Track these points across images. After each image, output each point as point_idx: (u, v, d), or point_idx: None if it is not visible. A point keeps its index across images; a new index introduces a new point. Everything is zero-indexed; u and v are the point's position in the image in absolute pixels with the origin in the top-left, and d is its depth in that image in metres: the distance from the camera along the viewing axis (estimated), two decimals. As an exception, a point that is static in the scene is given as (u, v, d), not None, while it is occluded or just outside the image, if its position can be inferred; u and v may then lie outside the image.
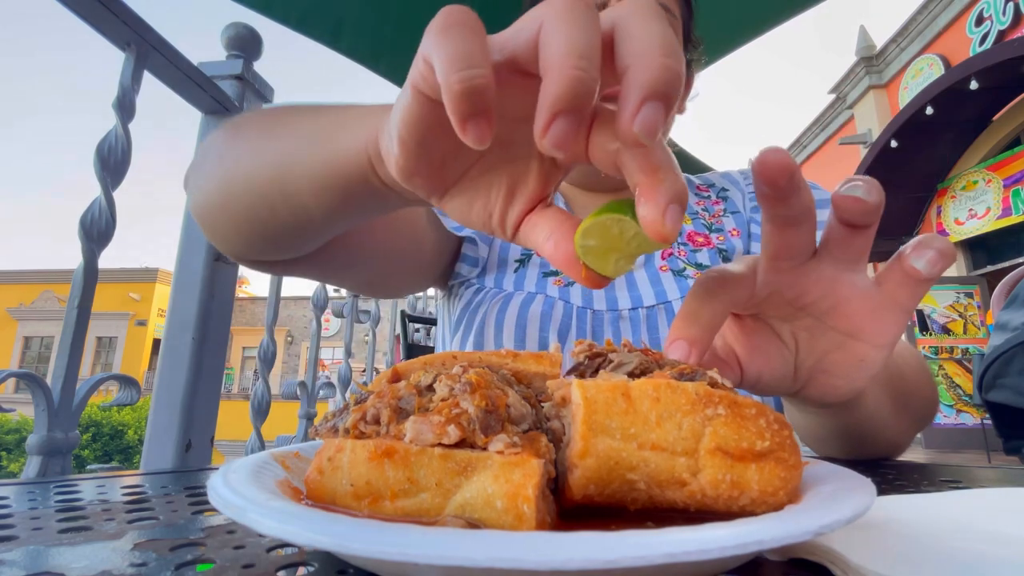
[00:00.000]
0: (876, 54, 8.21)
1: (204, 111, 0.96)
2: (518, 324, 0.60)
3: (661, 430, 0.19)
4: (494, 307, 0.62)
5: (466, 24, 0.22)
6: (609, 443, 0.19)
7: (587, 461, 0.19)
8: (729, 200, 0.75)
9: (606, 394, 0.20)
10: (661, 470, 0.19)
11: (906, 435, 0.51)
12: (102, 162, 0.74)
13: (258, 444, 1.11)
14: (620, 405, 0.19)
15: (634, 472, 0.19)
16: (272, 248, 0.44)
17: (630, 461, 0.19)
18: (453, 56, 0.21)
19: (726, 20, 1.35)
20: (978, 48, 6.44)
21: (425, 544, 0.14)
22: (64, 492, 0.33)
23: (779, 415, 0.21)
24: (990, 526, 0.23)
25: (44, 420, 0.67)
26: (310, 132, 0.37)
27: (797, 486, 0.20)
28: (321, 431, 0.23)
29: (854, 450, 0.49)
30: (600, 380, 0.21)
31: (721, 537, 0.15)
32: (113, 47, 0.78)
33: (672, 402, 0.20)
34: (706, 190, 0.77)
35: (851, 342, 0.32)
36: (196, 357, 0.88)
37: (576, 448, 0.19)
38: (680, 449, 0.19)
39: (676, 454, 0.19)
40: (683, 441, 0.19)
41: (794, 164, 0.27)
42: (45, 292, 18.35)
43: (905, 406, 0.49)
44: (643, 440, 0.19)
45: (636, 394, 0.20)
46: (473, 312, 0.64)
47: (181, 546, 0.22)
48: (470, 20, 0.22)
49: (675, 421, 0.19)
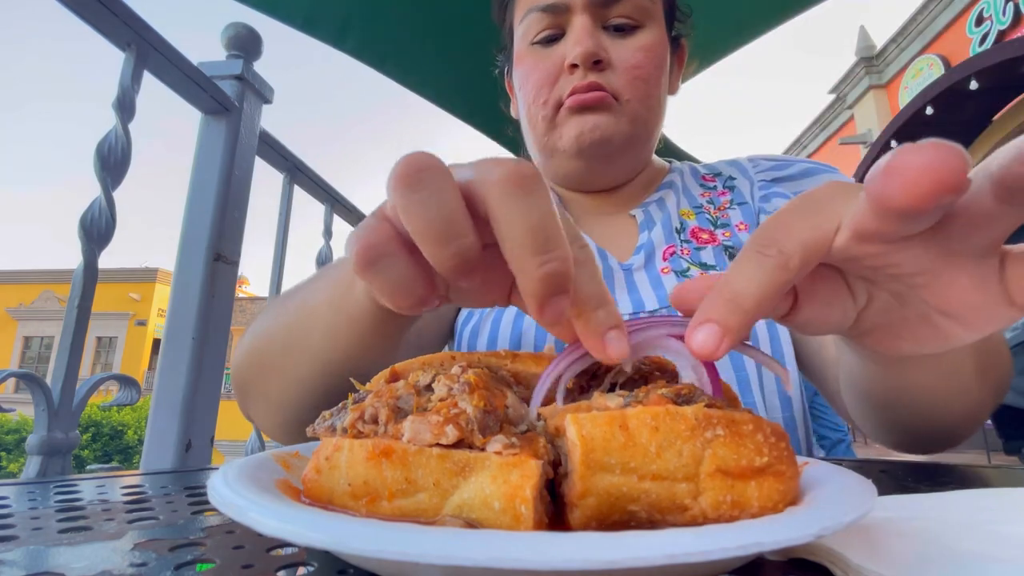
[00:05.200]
0: (876, 54, 8.22)
1: (204, 111, 0.96)
2: (513, 335, 0.58)
3: (661, 460, 0.19)
4: (488, 317, 0.60)
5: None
6: (609, 479, 0.19)
7: (587, 501, 0.19)
8: (736, 190, 0.69)
9: (603, 429, 0.19)
10: (662, 498, 0.19)
11: (985, 405, 0.42)
12: (102, 162, 0.74)
13: (258, 444, 1.11)
14: (618, 439, 0.19)
15: (635, 503, 0.19)
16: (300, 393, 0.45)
17: (631, 494, 0.19)
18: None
19: (724, 22, 1.35)
20: (978, 48, 6.45)
21: (426, 543, 0.14)
22: (64, 492, 0.33)
23: (775, 426, 0.20)
24: (991, 526, 0.23)
25: (44, 420, 0.67)
26: (317, 283, 0.42)
27: (796, 497, 0.20)
28: (319, 430, 0.23)
29: (922, 419, 0.41)
30: (595, 413, 0.20)
31: (722, 538, 0.15)
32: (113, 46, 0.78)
33: (671, 429, 0.19)
34: (712, 180, 0.72)
35: (942, 319, 0.25)
36: (196, 357, 0.88)
37: (576, 490, 0.19)
38: (681, 475, 0.19)
39: (677, 480, 0.19)
40: (684, 468, 0.19)
41: (960, 176, 0.17)
42: (45, 292, 18.36)
43: (987, 367, 0.39)
44: (644, 472, 0.19)
45: (634, 424, 0.19)
46: (464, 325, 0.62)
47: (181, 546, 0.22)
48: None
49: (675, 449, 0.19)
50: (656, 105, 0.63)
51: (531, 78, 0.63)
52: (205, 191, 0.93)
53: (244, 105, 0.99)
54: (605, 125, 0.60)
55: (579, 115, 0.60)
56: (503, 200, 0.22)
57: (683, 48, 0.72)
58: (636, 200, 0.70)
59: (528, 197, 0.22)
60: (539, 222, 0.21)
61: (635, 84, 0.60)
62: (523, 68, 0.64)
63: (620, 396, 0.22)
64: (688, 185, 0.71)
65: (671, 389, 0.22)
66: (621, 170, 0.67)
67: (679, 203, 0.68)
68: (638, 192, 0.70)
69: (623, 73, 0.60)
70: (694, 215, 0.67)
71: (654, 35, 0.62)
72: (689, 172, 0.74)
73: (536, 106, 0.63)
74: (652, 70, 0.61)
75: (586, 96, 0.59)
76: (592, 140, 0.60)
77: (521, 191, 0.22)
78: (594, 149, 0.61)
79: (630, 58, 0.60)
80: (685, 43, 0.72)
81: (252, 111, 1.02)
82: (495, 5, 0.72)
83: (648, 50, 0.61)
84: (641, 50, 0.60)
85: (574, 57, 0.58)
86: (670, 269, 0.61)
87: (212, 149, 0.95)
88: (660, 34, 0.63)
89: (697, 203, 0.68)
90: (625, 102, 0.60)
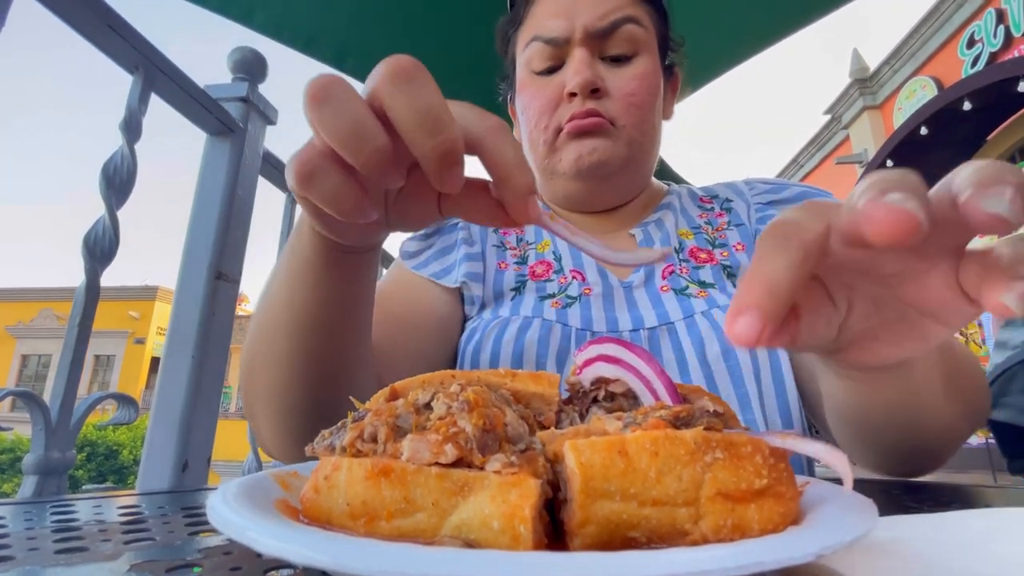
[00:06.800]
0: (870, 76, 8.36)
1: (209, 132, 0.98)
2: (515, 352, 0.58)
3: (661, 485, 0.19)
4: (490, 335, 0.60)
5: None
6: (609, 507, 0.19)
7: (587, 529, 0.19)
8: (733, 212, 0.71)
9: (602, 456, 0.19)
10: (663, 524, 0.19)
11: (960, 424, 0.44)
12: (108, 182, 0.74)
13: (255, 464, 1.10)
14: (618, 466, 0.19)
15: (636, 530, 0.19)
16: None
17: (632, 520, 0.19)
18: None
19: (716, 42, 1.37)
20: (970, 70, 6.56)
21: (425, 564, 0.14)
22: (60, 512, 0.33)
23: (775, 448, 0.20)
24: (992, 546, 0.22)
25: (41, 439, 0.66)
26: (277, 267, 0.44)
27: (796, 517, 0.20)
28: (318, 449, 0.23)
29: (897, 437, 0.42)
30: (594, 440, 0.20)
31: (722, 558, 0.15)
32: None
33: (671, 454, 0.19)
34: (709, 202, 0.74)
35: (919, 317, 0.26)
36: (195, 375, 0.87)
37: (576, 519, 0.19)
38: (681, 500, 0.19)
39: (677, 506, 0.19)
40: (683, 492, 0.19)
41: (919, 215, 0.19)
42: (44, 310, 18.34)
43: (957, 387, 0.42)
44: (644, 498, 0.19)
45: (633, 450, 0.19)
46: (467, 341, 0.62)
47: (178, 567, 0.22)
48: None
49: (675, 474, 0.19)
50: (651, 129, 0.66)
51: (533, 105, 0.66)
52: (208, 210, 0.94)
53: (249, 126, 1.01)
54: (602, 149, 0.62)
55: (577, 140, 0.63)
56: (390, 92, 0.25)
57: (676, 76, 0.75)
58: (635, 220, 0.71)
59: (410, 84, 0.25)
60: (424, 105, 0.25)
61: (630, 110, 0.63)
62: (525, 96, 0.68)
63: (618, 419, 0.22)
64: (686, 207, 0.73)
65: (669, 412, 0.22)
66: (618, 191, 0.69)
67: (677, 223, 0.70)
68: (637, 213, 0.72)
69: (619, 100, 0.63)
70: (692, 235, 0.69)
71: (648, 64, 0.65)
72: (687, 194, 0.76)
73: (537, 131, 0.66)
74: (646, 97, 0.64)
75: (584, 122, 0.62)
76: (590, 163, 0.63)
77: (403, 80, 0.25)
78: (592, 171, 0.63)
79: (625, 86, 0.63)
80: (679, 71, 0.75)
81: (256, 132, 1.04)
82: (498, 38, 0.77)
83: (642, 78, 0.64)
84: (636, 78, 0.64)
85: (573, 86, 0.62)
86: (669, 287, 0.63)
87: (216, 169, 0.96)
88: (654, 63, 0.66)
89: (695, 224, 0.70)
90: (621, 127, 0.63)
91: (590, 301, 0.63)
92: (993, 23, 6.41)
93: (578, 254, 0.68)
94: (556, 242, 0.70)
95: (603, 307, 0.62)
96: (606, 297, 0.63)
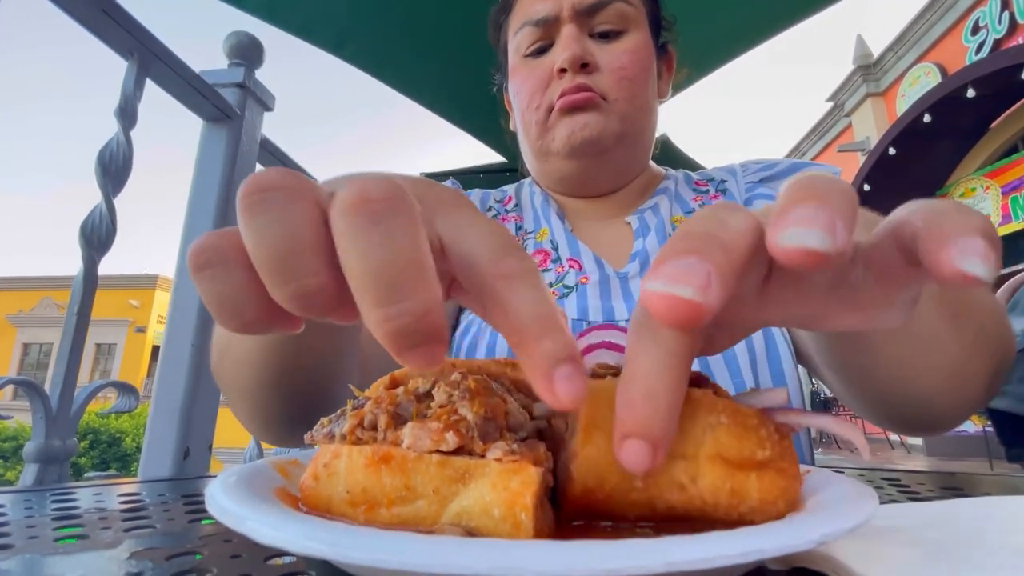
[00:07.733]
0: (873, 63, 8.27)
1: (206, 119, 0.97)
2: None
3: None
4: (485, 330, 0.60)
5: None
6: (608, 442, 0.19)
7: (588, 450, 0.19)
8: (728, 193, 0.70)
9: (609, 391, 0.19)
10: (659, 469, 0.19)
11: (972, 364, 0.39)
12: (103, 169, 0.74)
13: (256, 452, 1.11)
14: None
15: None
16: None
17: None
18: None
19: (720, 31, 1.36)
20: (974, 57, 6.50)
21: (426, 553, 0.14)
22: (61, 500, 0.33)
23: (780, 425, 0.20)
24: (995, 535, 0.22)
25: (42, 427, 0.66)
26: None
27: (796, 497, 0.20)
28: (317, 437, 0.23)
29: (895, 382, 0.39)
30: (598, 381, 0.21)
31: (722, 545, 0.15)
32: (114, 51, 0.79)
33: None
34: (704, 185, 0.73)
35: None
36: (195, 363, 0.87)
37: (579, 438, 0.19)
38: (678, 452, 0.19)
39: (675, 456, 0.19)
40: (681, 444, 0.19)
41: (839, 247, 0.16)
42: (44, 299, 18.35)
43: (962, 314, 0.37)
44: None
45: None
46: (463, 335, 0.62)
47: (178, 555, 0.22)
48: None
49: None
50: (644, 105, 0.65)
51: (524, 87, 0.66)
52: (206, 197, 0.93)
53: (246, 112, 1.00)
54: (594, 124, 0.62)
55: (569, 116, 0.63)
56: (345, 233, 0.17)
57: (671, 54, 0.74)
58: (632, 206, 0.71)
59: (373, 228, 0.17)
60: (381, 264, 0.16)
61: (621, 84, 0.63)
62: (517, 79, 0.67)
63: None
64: (681, 192, 0.73)
65: None
66: (614, 170, 0.68)
67: (672, 209, 0.69)
68: (634, 198, 0.71)
69: (609, 74, 0.63)
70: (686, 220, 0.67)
71: (638, 39, 0.65)
72: (683, 178, 0.75)
73: (529, 112, 0.66)
74: (638, 71, 0.64)
75: (575, 97, 0.61)
76: (583, 139, 0.62)
77: (366, 220, 0.17)
78: (585, 148, 0.63)
79: (615, 60, 0.63)
80: (673, 50, 0.74)
81: (253, 118, 1.03)
82: (491, 28, 0.76)
83: (633, 52, 0.64)
84: (626, 52, 0.63)
85: (562, 62, 0.61)
86: None
87: (213, 156, 0.96)
88: (644, 39, 0.66)
89: (689, 208, 0.69)
90: (613, 101, 0.63)
91: (586, 290, 0.62)
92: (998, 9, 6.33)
93: (575, 242, 0.67)
94: (554, 230, 0.69)
95: (599, 296, 0.62)
96: (602, 286, 0.62)
